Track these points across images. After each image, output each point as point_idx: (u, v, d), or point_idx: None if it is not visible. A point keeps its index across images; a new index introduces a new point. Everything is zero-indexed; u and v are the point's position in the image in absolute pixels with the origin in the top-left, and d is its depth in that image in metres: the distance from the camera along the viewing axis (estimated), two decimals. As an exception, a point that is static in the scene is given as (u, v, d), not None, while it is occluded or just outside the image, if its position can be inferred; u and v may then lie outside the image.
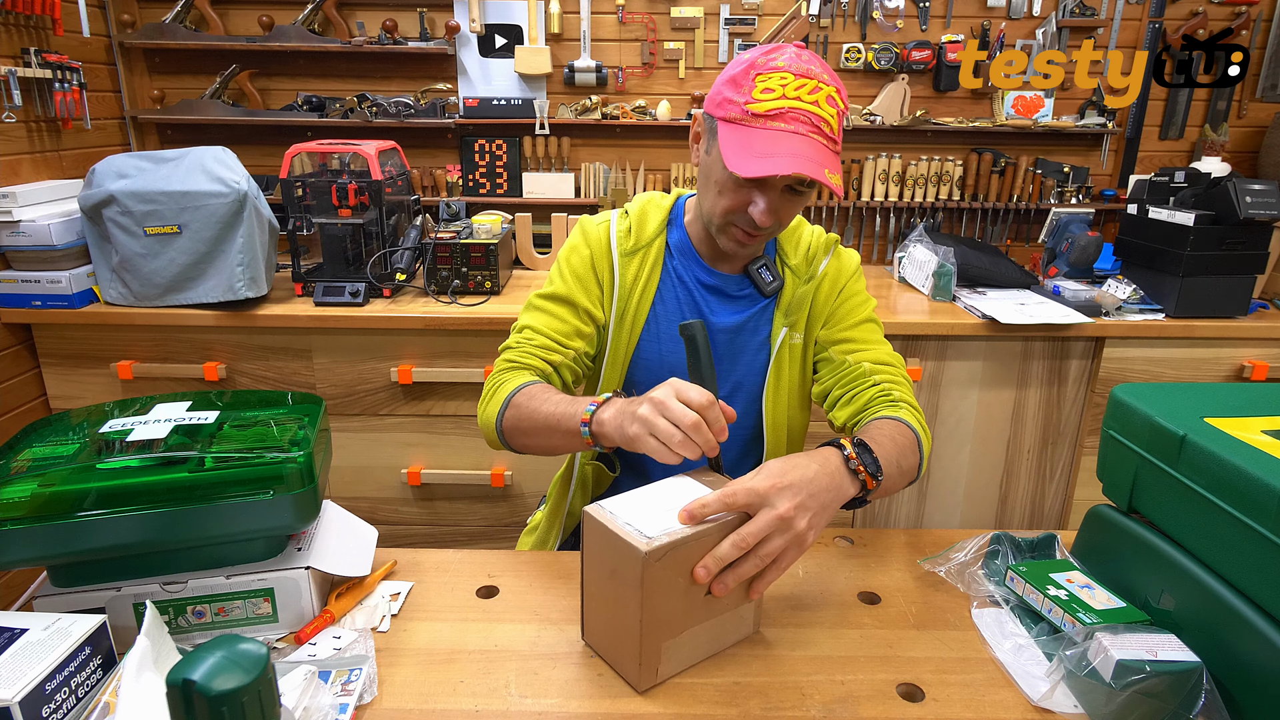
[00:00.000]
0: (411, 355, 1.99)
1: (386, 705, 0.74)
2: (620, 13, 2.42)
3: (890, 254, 2.59)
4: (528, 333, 1.11)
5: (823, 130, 0.94)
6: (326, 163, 2.20)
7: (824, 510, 0.79)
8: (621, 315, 1.13)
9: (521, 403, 1.00)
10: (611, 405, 0.89)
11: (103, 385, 2.01)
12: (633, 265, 1.12)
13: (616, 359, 1.14)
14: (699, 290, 1.14)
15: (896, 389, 1.08)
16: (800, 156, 0.92)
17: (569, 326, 1.11)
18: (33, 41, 2.01)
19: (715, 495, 0.75)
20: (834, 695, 0.76)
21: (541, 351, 1.09)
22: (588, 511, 0.76)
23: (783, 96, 0.93)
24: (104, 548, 0.77)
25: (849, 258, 1.17)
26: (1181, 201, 2.04)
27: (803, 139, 0.93)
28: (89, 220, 1.89)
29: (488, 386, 1.09)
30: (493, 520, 2.14)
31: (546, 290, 1.14)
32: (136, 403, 0.91)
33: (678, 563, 0.73)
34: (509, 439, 1.04)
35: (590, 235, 1.14)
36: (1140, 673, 0.70)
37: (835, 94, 0.95)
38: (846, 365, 1.11)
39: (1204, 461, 0.75)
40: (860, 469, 0.85)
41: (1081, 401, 2.08)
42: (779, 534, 0.75)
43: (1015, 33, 2.46)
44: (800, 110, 0.93)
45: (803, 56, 0.96)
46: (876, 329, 1.16)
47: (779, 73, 0.94)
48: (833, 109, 0.95)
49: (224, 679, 0.51)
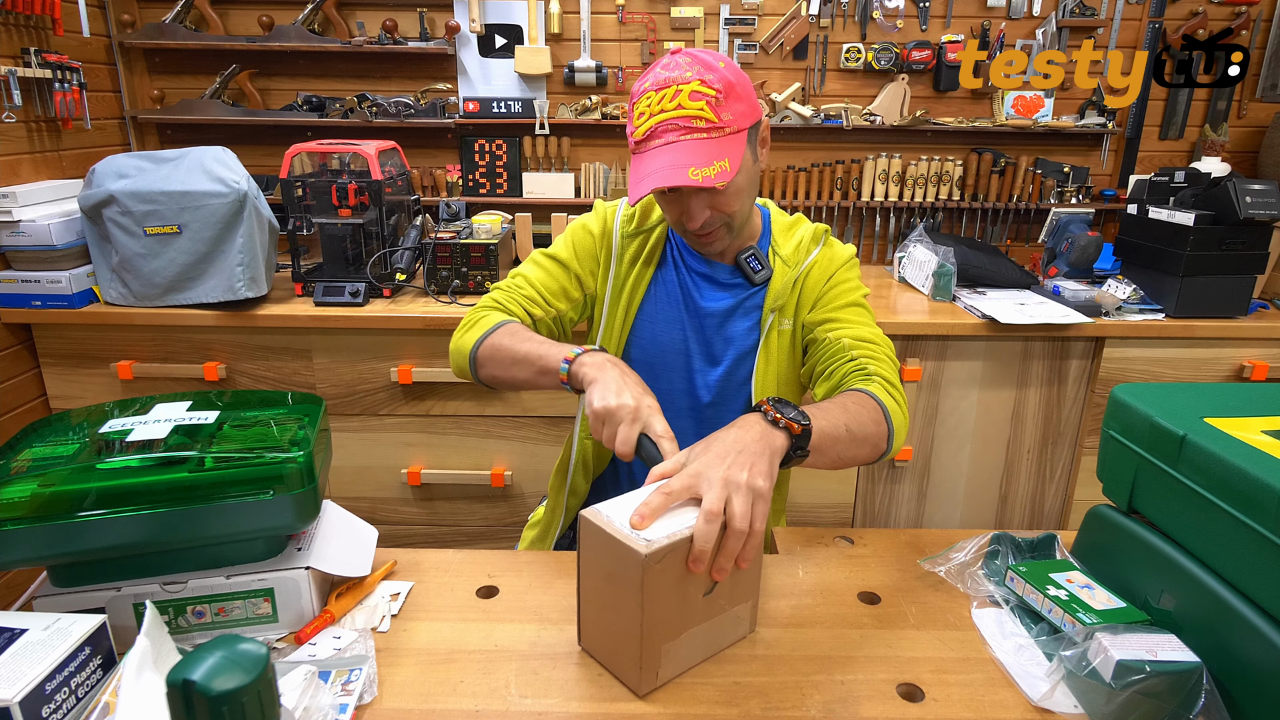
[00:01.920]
0: (411, 355, 1.99)
1: (386, 705, 0.74)
2: (620, 13, 2.42)
3: (890, 254, 2.59)
4: (520, 280, 1.18)
5: (694, 127, 0.97)
6: (326, 163, 2.20)
7: (760, 458, 0.79)
8: (617, 293, 1.18)
9: (502, 336, 1.06)
10: (598, 359, 0.95)
11: (103, 385, 2.01)
12: (633, 246, 1.18)
13: (612, 333, 1.19)
14: (691, 276, 1.18)
15: (873, 364, 1.07)
16: (666, 168, 0.96)
17: (557, 285, 1.18)
18: (33, 41, 2.01)
19: (655, 493, 0.75)
20: (834, 695, 0.76)
21: (526, 302, 1.16)
22: (584, 516, 0.76)
23: (650, 116, 0.98)
24: (104, 548, 0.77)
25: (841, 248, 1.19)
26: (1181, 201, 2.04)
27: (671, 148, 0.97)
28: (89, 220, 1.89)
29: (468, 317, 1.14)
30: (493, 520, 2.15)
31: (549, 250, 1.21)
32: (136, 403, 0.91)
33: (675, 564, 0.73)
34: (479, 367, 1.09)
35: (599, 213, 1.21)
36: (1140, 673, 0.70)
37: (699, 84, 0.97)
38: (828, 342, 1.12)
39: (1204, 461, 0.75)
40: (778, 417, 0.84)
41: (1081, 401, 2.08)
42: (735, 495, 0.75)
43: (1015, 33, 2.46)
44: (665, 121, 0.97)
45: (670, 64, 1.00)
46: (864, 313, 1.16)
47: (645, 95, 1.00)
48: (698, 101, 0.97)
49: (224, 679, 0.51)
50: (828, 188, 2.52)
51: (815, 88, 2.51)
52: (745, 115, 1.00)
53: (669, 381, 1.19)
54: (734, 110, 0.99)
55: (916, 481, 2.15)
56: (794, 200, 2.52)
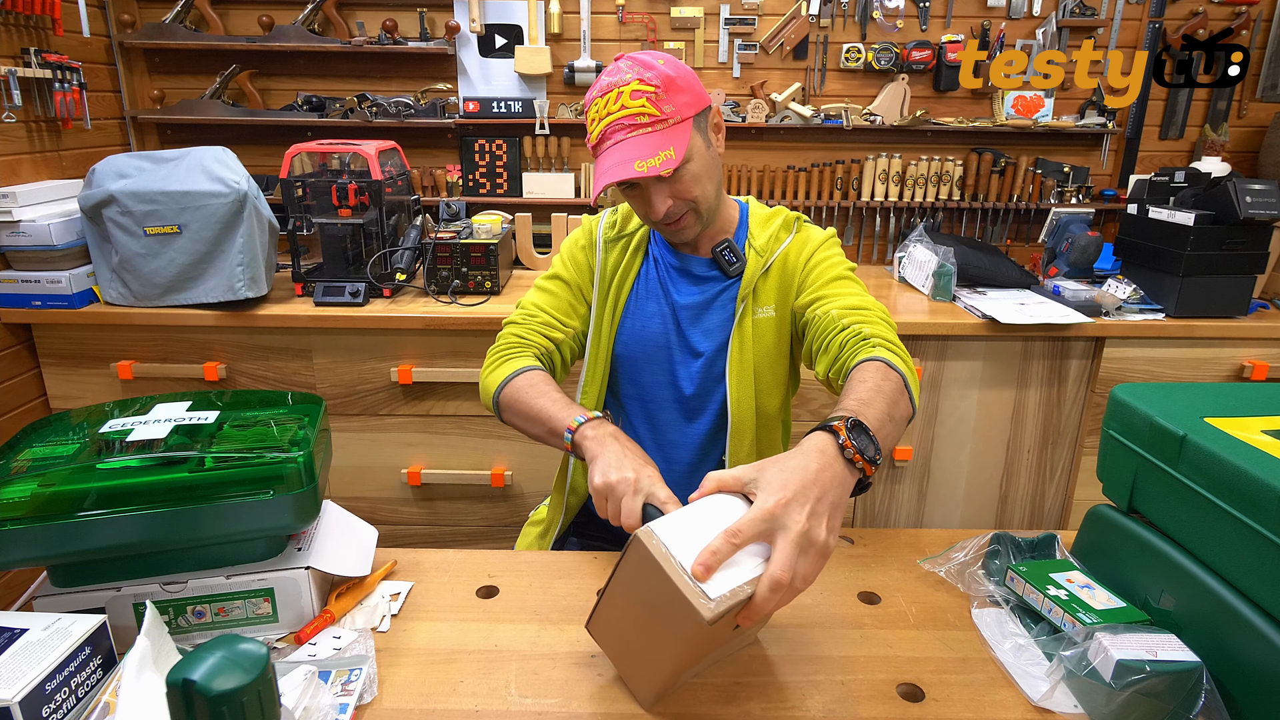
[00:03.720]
0: (411, 355, 1.99)
1: (386, 705, 0.74)
2: (620, 13, 2.42)
3: (890, 254, 2.59)
4: (532, 309, 1.24)
5: (638, 123, 1.03)
6: (326, 163, 2.20)
7: (836, 509, 0.74)
8: (605, 297, 1.22)
9: (521, 386, 1.11)
10: (598, 429, 0.98)
11: (103, 385, 2.01)
12: (614, 252, 1.23)
13: (600, 336, 1.22)
14: (668, 272, 1.22)
15: (867, 326, 1.05)
16: (615, 166, 1.02)
17: (565, 304, 1.24)
18: (33, 41, 2.01)
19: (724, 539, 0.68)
20: (834, 695, 0.76)
21: (544, 329, 1.21)
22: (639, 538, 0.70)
23: (599, 120, 1.05)
24: (104, 548, 0.77)
25: (817, 231, 1.21)
26: (1181, 201, 2.04)
27: (618, 146, 1.03)
28: (89, 220, 1.89)
29: (493, 355, 1.20)
30: (493, 520, 2.14)
31: (550, 272, 1.27)
32: (136, 403, 0.91)
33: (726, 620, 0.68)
34: (502, 412, 1.14)
35: (586, 226, 1.27)
36: (1140, 673, 0.70)
37: (637, 83, 1.03)
38: (818, 319, 1.11)
39: (1204, 461, 0.75)
40: (857, 457, 0.76)
41: (1081, 401, 2.08)
42: (803, 554, 0.69)
43: (1015, 33, 2.46)
44: (613, 122, 1.04)
45: (612, 69, 1.06)
46: (851, 284, 1.15)
47: (594, 102, 1.06)
48: (639, 100, 1.02)
49: (224, 679, 0.51)
50: (828, 188, 2.52)
51: (815, 88, 2.51)
52: (689, 105, 1.05)
53: (652, 375, 1.22)
54: (676, 102, 1.04)
55: (916, 481, 2.15)
56: (794, 200, 2.52)
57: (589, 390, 1.24)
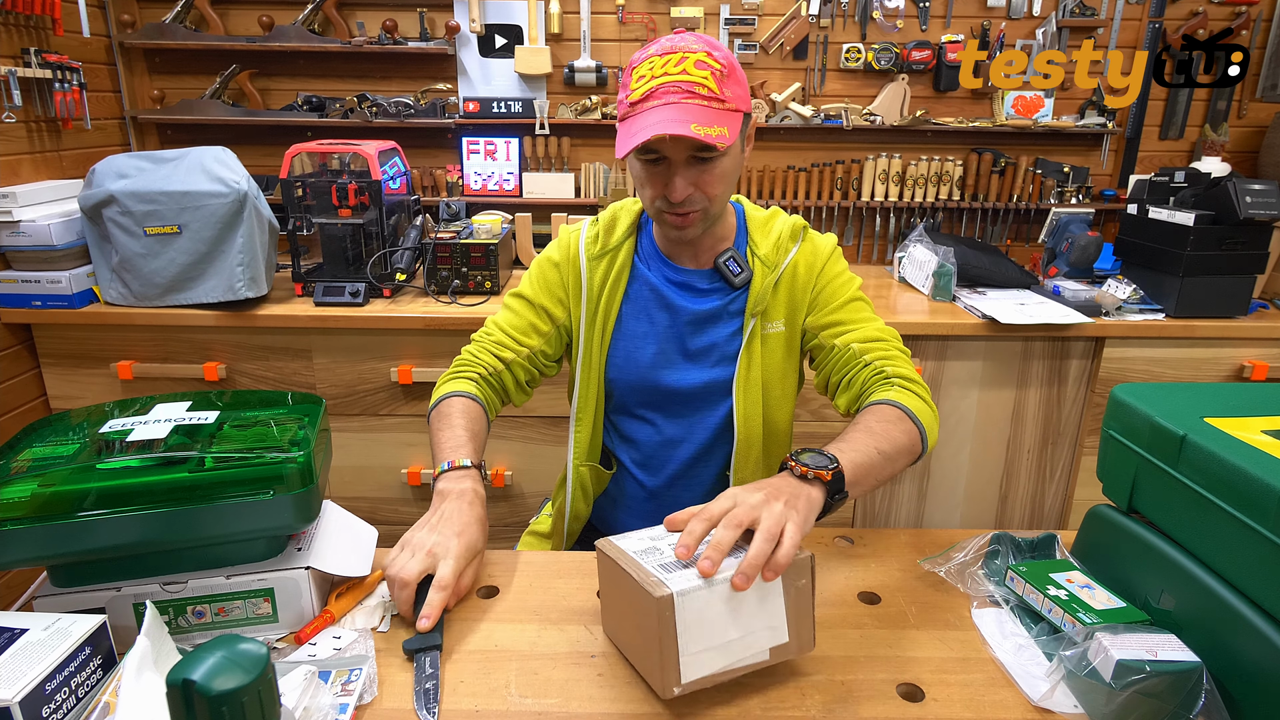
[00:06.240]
0: (411, 355, 1.99)
1: (386, 705, 0.74)
2: (620, 13, 2.42)
3: (890, 254, 2.59)
4: (491, 326, 1.21)
5: (696, 93, 0.96)
6: (326, 163, 2.20)
7: (795, 498, 0.79)
8: (592, 317, 1.17)
9: (441, 411, 1.09)
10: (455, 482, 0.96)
11: (103, 385, 2.01)
12: (600, 268, 1.16)
13: (590, 358, 1.17)
14: (666, 286, 1.16)
15: (890, 365, 1.07)
16: (666, 121, 0.94)
17: (524, 322, 1.19)
18: (33, 41, 2.01)
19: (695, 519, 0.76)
20: (834, 695, 0.76)
21: (495, 348, 1.18)
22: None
23: (651, 79, 0.97)
24: (104, 548, 0.77)
25: (822, 241, 1.17)
26: (1181, 201, 2.04)
27: (672, 107, 0.95)
28: (89, 220, 1.89)
29: (450, 368, 1.18)
30: (493, 520, 2.12)
31: (516, 289, 1.22)
32: (136, 403, 0.91)
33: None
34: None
35: (563, 240, 1.20)
36: (1140, 673, 0.70)
37: (705, 56, 0.97)
38: (837, 350, 1.11)
39: (1204, 461, 0.75)
40: (805, 470, 0.83)
41: (1081, 401, 2.08)
42: (764, 510, 0.75)
43: (1015, 33, 2.46)
44: (668, 83, 0.96)
45: (675, 38, 0.99)
46: (864, 306, 1.15)
47: (648, 59, 0.99)
48: (704, 70, 0.96)
49: (224, 679, 0.51)
50: (828, 188, 2.52)
51: (815, 88, 2.51)
52: (743, 100, 1.01)
53: (647, 395, 1.18)
54: (734, 91, 0.99)
55: (916, 481, 2.15)
56: (794, 200, 2.52)
57: (584, 414, 1.20)
